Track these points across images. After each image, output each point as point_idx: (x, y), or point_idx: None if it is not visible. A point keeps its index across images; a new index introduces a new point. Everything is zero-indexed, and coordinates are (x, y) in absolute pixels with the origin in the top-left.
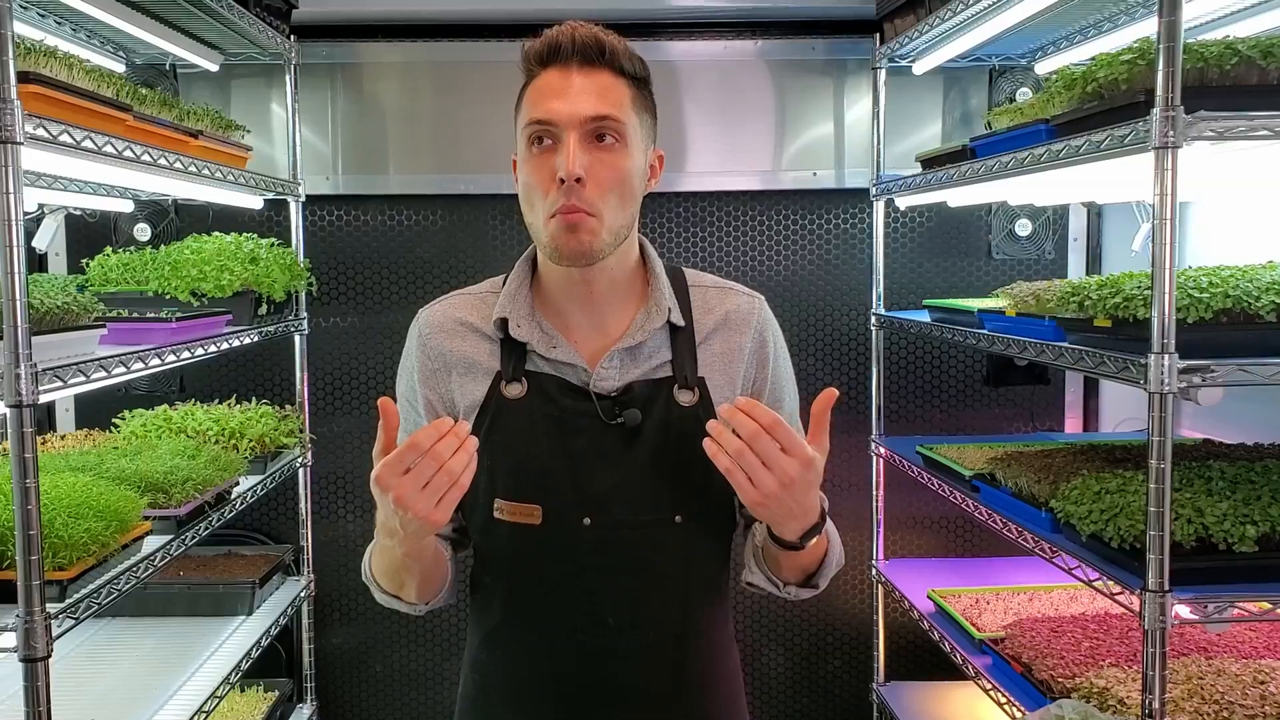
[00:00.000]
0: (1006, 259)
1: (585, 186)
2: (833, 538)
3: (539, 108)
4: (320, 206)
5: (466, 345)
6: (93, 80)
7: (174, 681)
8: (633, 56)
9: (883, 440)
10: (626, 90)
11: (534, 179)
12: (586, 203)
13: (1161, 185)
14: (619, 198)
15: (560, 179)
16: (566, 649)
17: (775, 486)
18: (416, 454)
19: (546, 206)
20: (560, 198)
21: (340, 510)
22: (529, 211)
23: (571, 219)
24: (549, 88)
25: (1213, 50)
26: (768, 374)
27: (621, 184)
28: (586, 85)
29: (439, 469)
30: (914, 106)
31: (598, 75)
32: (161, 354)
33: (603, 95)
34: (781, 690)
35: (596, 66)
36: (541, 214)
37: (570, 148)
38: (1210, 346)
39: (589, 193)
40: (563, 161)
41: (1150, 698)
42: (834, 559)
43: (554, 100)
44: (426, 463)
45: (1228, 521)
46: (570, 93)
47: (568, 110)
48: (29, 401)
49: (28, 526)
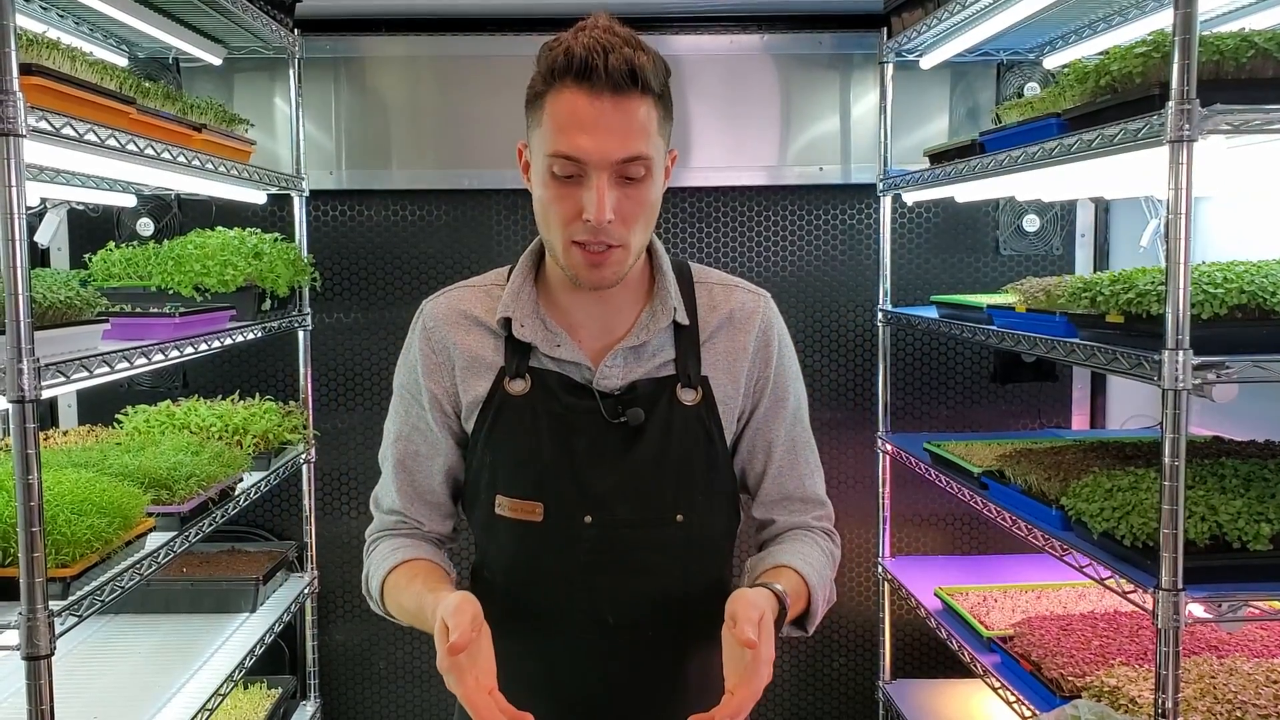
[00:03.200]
0: (1014, 255)
1: (613, 224)
2: (814, 583)
3: (566, 140)
4: (324, 201)
5: (471, 339)
6: (96, 73)
7: (177, 679)
8: (659, 67)
9: (889, 437)
10: (654, 112)
11: (556, 207)
12: (614, 238)
13: (1176, 179)
14: (644, 225)
15: (587, 219)
16: (566, 647)
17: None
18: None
19: (568, 234)
20: (586, 233)
21: (344, 506)
22: (546, 230)
23: (598, 259)
24: (576, 117)
25: (1228, 43)
26: (771, 372)
27: (648, 214)
28: (617, 119)
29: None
30: (921, 101)
31: (629, 103)
32: (165, 349)
33: (635, 132)
34: (787, 688)
35: (627, 93)
36: (561, 238)
37: (600, 191)
38: (1224, 342)
39: (616, 228)
40: (592, 203)
41: (1163, 697)
42: (820, 607)
43: (582, 136)
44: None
45: (1241, 520)
46: (600, 128)
47: (599, 151)
48: (32, 397)
49: (30, 523)
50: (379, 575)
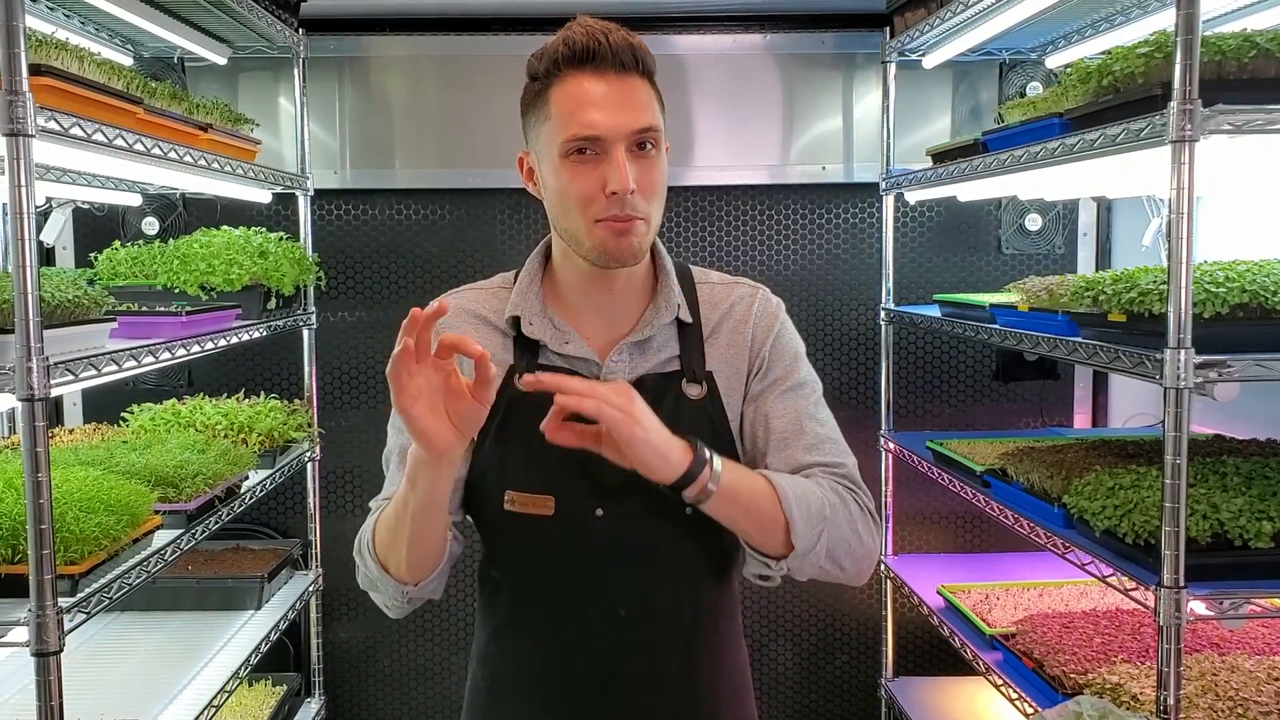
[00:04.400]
0: (1016, 254)
1: (635, 194)
2: (781, 484)
3: (579, 121)
4: (328, 201)
5: (479, 338)
6: (104, 73)
7: (183, 676)
8: (650, 55)
9: (892, 435)
10: (654, 95)
11: (576, 187)
12: (637, 210)
13: (1178, 179)
14: (659, 200)
15: (612, 191)
16: (578, 641)
17: (619, 418)
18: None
19: (593, 213)
20: (612, 207)
21: (349, 505)
22: (565, 217)
23: (625, 226)
24: (587, 97)
25: (1231, 43)
26: (765, 351)
27: (662, 188)
28: (627, 95)
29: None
30: (923, 101)
31: (632, 81)
32: (172, 348)
33: (644, 105)
34: (790, 685)
35: (630, 73)
36: (584, 221)
37: (621, 161)
38: (1226, 341)
39: (638, 199)
40: (615, 175)
41: (1165, 694)
42: (795, 512)
43: (595, 112)
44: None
45: (1243, 517)
46: (612, 104)
47: (615, 123)
48: (41, 395)
49: (40, 521)
50: (368, 529)
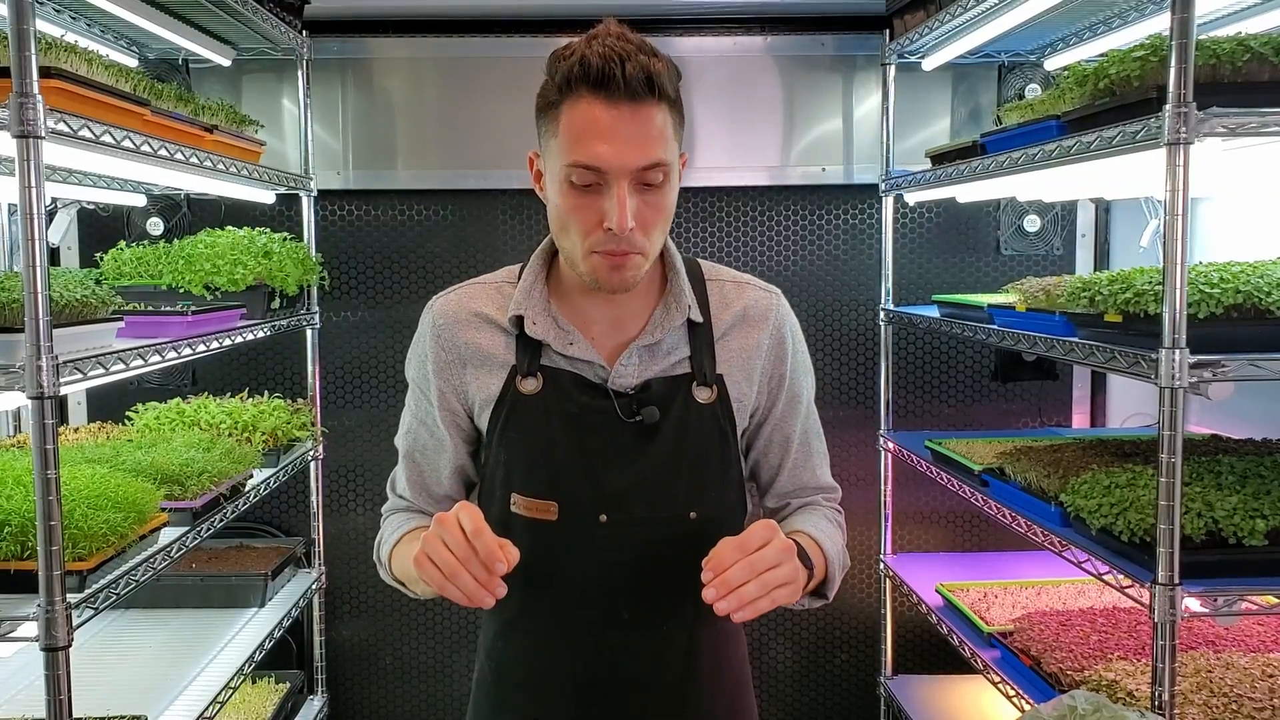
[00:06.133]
0: (1015, 254)
1: (633, 231)
2: (829, 549)
3: (584, 149)
4: (331, 201)
5: (481, 337)
6: (111, 75)
7: (188, 672)
8: (672, 73)
9: (891, 435)
10: (670, 118)
11: (574, 216)
12: (635, 245)
13: (1173, 181)
14: (662, 229)
15: (608, 227)
16: (582, 642)
17: (787, 595)
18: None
19: (588, 243)
20: (608, 241)
21: (351, 503)
22: (564, 237)
23: (620, 261)
24: (595, 126)
25: (1225, 47)
26: (785, 369)
27: (666, 218)
28: (636, 128)
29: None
30: (923, 102)
31: (646, 111)
32: (178, 347)
33: (654, 139)
34: (789, 683)
35: (644, 101)
36: (580, 246)
37: (621, 199)
38: (1221, 341)
39: (636, 235)
40: (613, 213)
41: (1160, 690)
42: (836, 571)
43: (601, 144)
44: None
45: (1237, 515)
46: (620, 137)
47: (618, 159)
48: (50, 393)
49: (49, 517)
50: (389, 544)
